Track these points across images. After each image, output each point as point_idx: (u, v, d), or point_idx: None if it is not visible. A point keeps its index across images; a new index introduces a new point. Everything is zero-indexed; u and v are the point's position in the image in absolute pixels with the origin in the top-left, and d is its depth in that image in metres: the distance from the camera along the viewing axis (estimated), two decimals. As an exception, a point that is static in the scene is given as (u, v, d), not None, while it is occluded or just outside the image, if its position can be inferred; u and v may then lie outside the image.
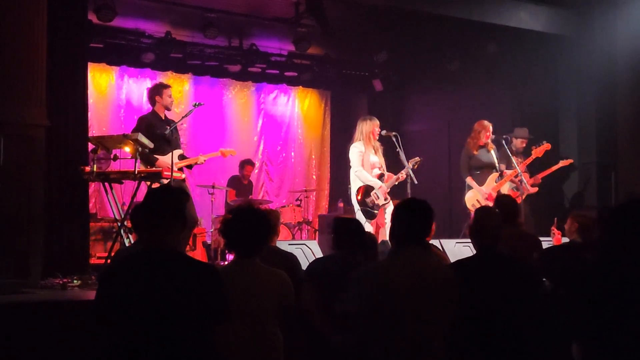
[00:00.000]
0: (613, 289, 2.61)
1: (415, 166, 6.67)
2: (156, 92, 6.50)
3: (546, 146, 7.44)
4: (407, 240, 3.06)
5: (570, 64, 8.55)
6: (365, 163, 6.66)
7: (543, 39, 8.37)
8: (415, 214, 3.09)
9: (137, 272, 2.54)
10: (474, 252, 3.49)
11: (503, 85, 9.13)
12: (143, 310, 2.47)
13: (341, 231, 4.02)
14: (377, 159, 6.76)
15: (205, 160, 6.52)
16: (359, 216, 6.53)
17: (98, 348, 2.66)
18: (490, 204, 6.99)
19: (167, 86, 6.61)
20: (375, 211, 6.63)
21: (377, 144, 6.79)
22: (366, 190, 6.61)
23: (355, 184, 6.69)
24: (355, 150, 6.67)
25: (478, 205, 7.05)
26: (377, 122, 6.80)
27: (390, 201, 6.82)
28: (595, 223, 4.68)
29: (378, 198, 6.59)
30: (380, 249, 5.15)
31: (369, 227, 6.56)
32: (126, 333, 2.49)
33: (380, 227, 6.79)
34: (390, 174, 6.83)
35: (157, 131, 6.23)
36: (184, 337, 2.49)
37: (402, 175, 6.66)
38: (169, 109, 6.49)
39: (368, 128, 6.71)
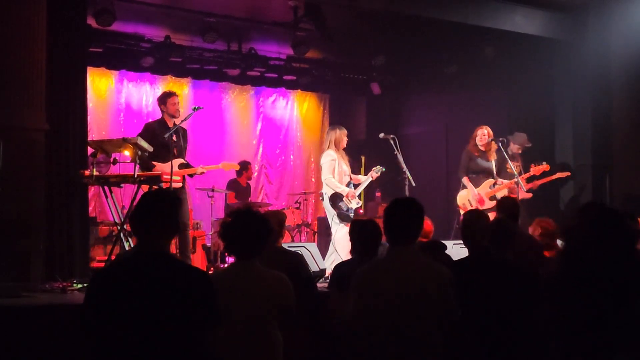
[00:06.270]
0: (575, 299, 2.46)
1: (379, 174, 7.04)
2: (161, 101, 6.65)
3: (545, 167, 7.52)
4: (393, 241, 2.99)
5: (565, 67, 8.60)
6: (338, 171, 6.80)
7: (539, 43, 8.41)
8: (401, 214, 2.99)
9: (127, 276, 2.52)
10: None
11: (499, 89, 9.19)
12: (132, 314, 2.45)
13: (357, 234, 3.97)
14: (347, 167, 6.93)
15: (205, 172, 6.55)
16: (335, 221, 6.73)
17: (90, 352, 2.61)
18: (480, 206, 7.11)
19: (171, 94, 6.65)
20: (351, 214, 6.80)
21: (343, 152, 6.96)
22: (337, 196, 6.78)
23: (327, 191, 6.85)
24: (328, 159, 6.84)
25: (468, 205, 7.21)
26: (346, 132, 7.00)
27: (362, 203, 7.01)
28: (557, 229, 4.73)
29: (350, 202, 6.80)
30: (379, 251, 5.20)
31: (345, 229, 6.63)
32: (114, 336, 2.46)
33: None
34: (355, 176, 7.09)
35: (159, 138, 6.30)
36: (173, 341, 2.46)
37: (374, 175, 7.02)
38: (174, 117, 6.53)
39: (338, 137, 6.86)
